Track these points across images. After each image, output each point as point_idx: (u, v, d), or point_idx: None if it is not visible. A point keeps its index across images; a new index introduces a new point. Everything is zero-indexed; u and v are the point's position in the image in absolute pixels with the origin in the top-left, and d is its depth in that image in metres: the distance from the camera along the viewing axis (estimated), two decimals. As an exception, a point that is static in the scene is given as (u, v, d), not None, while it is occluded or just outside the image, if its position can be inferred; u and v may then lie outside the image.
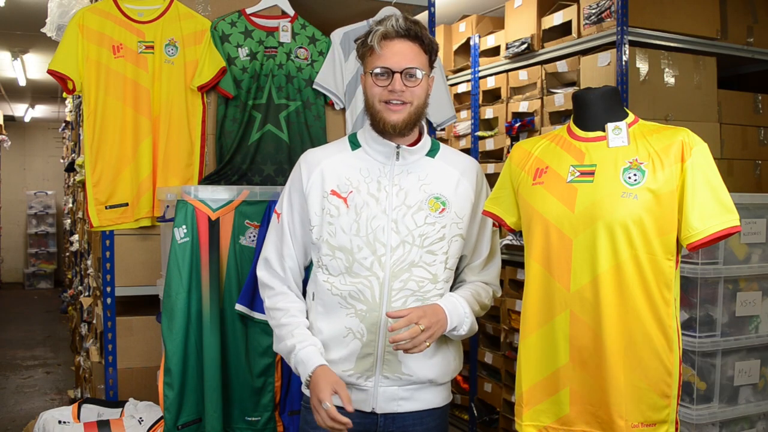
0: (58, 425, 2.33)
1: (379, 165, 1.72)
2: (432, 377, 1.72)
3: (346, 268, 1.67)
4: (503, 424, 3.91)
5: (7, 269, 11.88)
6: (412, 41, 1.66)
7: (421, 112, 1.70)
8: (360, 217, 1.67)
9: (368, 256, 1.66)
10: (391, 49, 1.65)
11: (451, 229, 1.71)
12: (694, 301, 2.44)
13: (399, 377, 1.69)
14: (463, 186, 1.76)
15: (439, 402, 1.78)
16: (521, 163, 1.82)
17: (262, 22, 2.80)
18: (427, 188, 1.71)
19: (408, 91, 1.65)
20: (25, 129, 12.07)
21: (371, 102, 1.69)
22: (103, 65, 2.60)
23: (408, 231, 1.67)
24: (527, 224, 1.77)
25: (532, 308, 1.74)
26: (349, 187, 1.70)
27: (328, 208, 1.69)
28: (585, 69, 3.38)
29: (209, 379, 2.10)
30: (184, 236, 2.10)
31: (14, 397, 5.37)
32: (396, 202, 1.68)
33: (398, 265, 1.66)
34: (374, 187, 1.69)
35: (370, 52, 1.67)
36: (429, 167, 1.74)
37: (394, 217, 1.67)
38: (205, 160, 2.75)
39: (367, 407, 1.71)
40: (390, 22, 1.65)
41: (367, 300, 1.66)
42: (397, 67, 1.64)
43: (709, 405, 2.45)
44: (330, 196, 1.70)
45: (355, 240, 1.66)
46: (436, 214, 1.69)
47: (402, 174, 1.71)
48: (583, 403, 1.67)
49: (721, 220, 1.59)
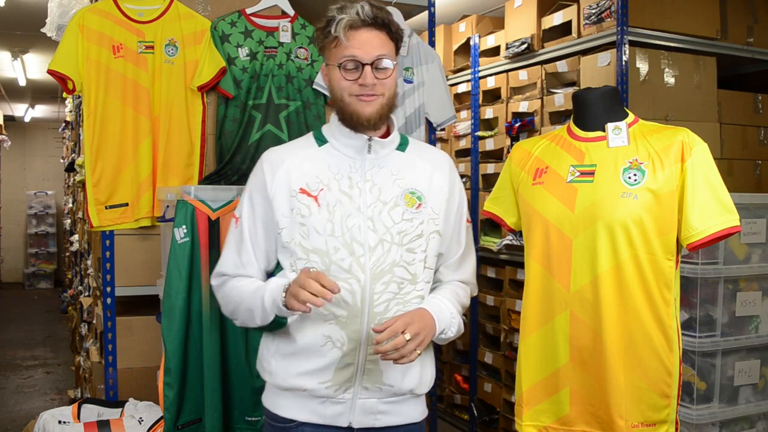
0: (58, 425, 2.33)
1: (349, 160, 1.60)
2: (412, 387, 1.60)
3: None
4: (503, 424, 3.91)
5: (7, 269, 11.88)
6: (379, 29, 1.54)
7: (392, 103, 1.59)
8: (333, 216, 1.54)
9: (346, 258, 1.53)
10: (359, 39, 1.52)
11: (428, 226, 1.59)
12: (694, 301, 2.44)
13: (379, 388, 1.56)
14: (436, 180, 1.64)
15: (417, 417, 1.65)
16: (521, 163, 1.82)
17: (262, 22, 2.80)
18: (401, 183, 1.59)
19: (379, 84, 1.54)
20: (25, 129, 12.07)
21: (339, 96, 1.56)
22: (103, 65, 2.60)
23: (386, 229, 1.55)
24: (527, 224, 1.77)
25: (532, 308, 1.74)
26: (319, 184, 1.57)
27: (298, 208, 1.55)
28: (585, 69, 3.38)
29: (209, 379, 2.10)
30: (184, 236, 2.10)
31: (14, 397, 5.36)
32: (370, 199, 1.56)
33: (379, 266, 1.54)
34: (346, 184, 1.57)
35: (335, 42, 1.54)
36: (400, 161, 1.63)
37: (370, 214, 1.55)
38: (205, 160, 2.75)
39: (343, 421, 1.57)
40: (354, 9, 1.52)
41: (348, 305, 1.52)
42: (367, 59, 1.52)
43: (709, 405, 2.45)
44: (299, 194, 1.56)
45: (330, 241, 1.53)
46: (413, 210, 1.58)
47: (374, 169, 1.59)
48: (583, 403, 1.67)
49: (721, 220, 1.59)
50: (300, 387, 1.56)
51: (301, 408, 1.58)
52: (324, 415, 1.57)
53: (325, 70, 1.61)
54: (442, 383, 4.59)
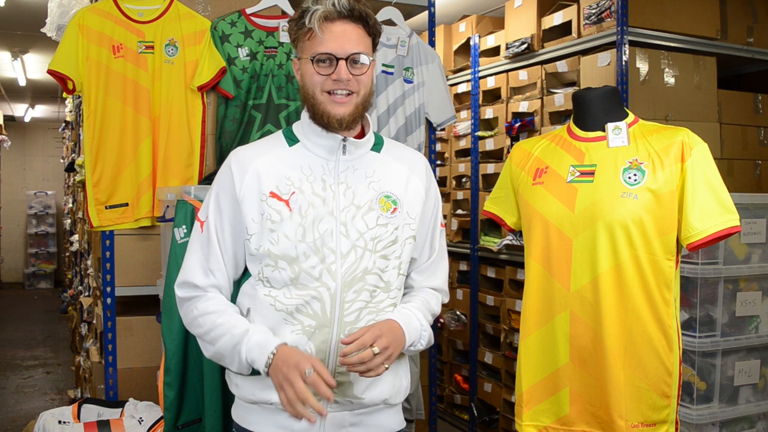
0: (58, 425, 2.33)
1: (321, 161, 1.51)
2: (386, 397, 1.52)
3: (291, 280, 1.45)
4: (503, 424, 3.91)
5: (7, 269, 11.88)
6: (355, 23, 1.45)
7: (367, 101, 1.50)
8: (305, 220, 1.46)
9: (316, 265, 1.45)
10: (334, 32, 1.43)
11: (403, 231, 1.52)
12: (694, 301, 2.44)
13: (350, 401, 1.48)
14: (413, 183, 1.56)
15: (394, 426, 1.57)
16: (521, 163, 1.83)
17: (262, 22, 2.80)
18: (376, 186, 1.51)
19: (354, 80, 1.45)
20: (25, 129, 12.07)
21: (311, 92, 1.47)
22: (103, 65, 2.60)
23: (359, 234, 1.47)
24: (527, 224, 1.77)
25: (532, 308, 1.74)
26: (291, 187, 1.48)
27: (269, 213, 1.46)
28: (585, 69, 3.38)
29: (209, 379, 2.10)
30: (184, 236, 2.10)
31: (14, 397, 5.36)
32: (344, 203, 1.48)
33: (351, 274, 1.46)
34: (319, 187, 1.48)
35: (309, 34, 1.45)
36: (376, 163, 1.54)
37: (343, 219, 1.47)
38: (205, 160, 2.76)
39: None
40: (331, 0, 1.43)
41: (316, 314, 1.45)
42: (342, 53, 1.43)
43: (709, 405, 2.45)
44: (269, 199, 1.47)
45: (300, 246, 1.45)
46: (388, 215, 1.50)
47: (348, 171, 1.51)
48: (583, 403, 1.67)
49: (721, 220, 1.59)
50: (267, 400, 1.48)
51: (269, 422, 1.50)
52: (293, 429, 1.48)
53: (297, 63, 1.53)
54: (442, 383, 4.59)
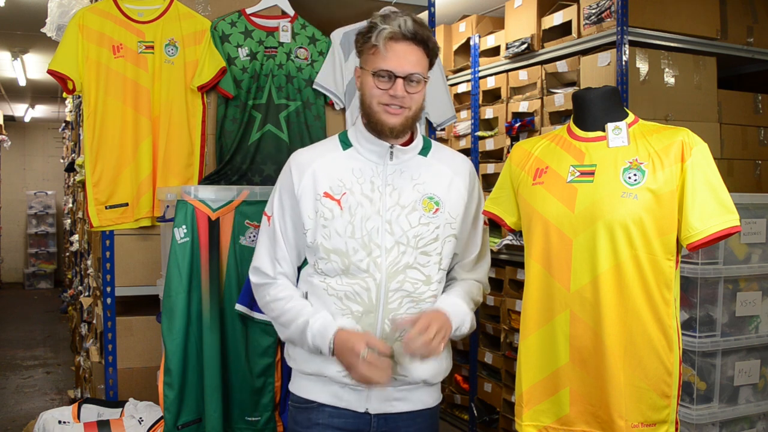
0: (58, 425, 2.33)
1: (372, 165, 1.68)
2: (426, 377, 1.70)
3: (342, 270, 1.63)
4: (503, 424, 3.91)
5: (7, 269, 11.88)
6: (417, 45, 1.61)
7: (417, 115, 1.67)
8: (354, 218, 1.63)
9: (364, 258, 1.62)
10: (396, 52, 1.59)
11: (444, 230, 1.68)
12: (694, 301, 2.44)
13: (394, 378, 1.64)
14: (455, 185, 1.72)
15: (431, 402, 1.76)
16: (521, 163, 1.82)
17: (262, 22, 2.80)
18: (421, 188, 1.68)
19: (408, 97, 1.61)
20: (25, 129, 12.07)
21: (368, 102, 1.64)
22: (103, 65, 2.59)
23: (402, 232, 1.64)
24: (527, 224, 1.77)
25: (532, 308, 1.74)
26: (342, 188, 1.65)
27: (322, 211, 1.64)
28: (585, 69, 3.38)
29: (209, 379, 2.10)
30: (184, 236, 2.10)
31: (14, 397, 5.36)
32: (390, 203, 1.65)
33: (393, 267, 1.63)
34: (368, 188, 1.65)
35: (374, 50, 1.61)
36: (421, 166, 1.71)
37: (388, 218, 1.64)
38: (205, 160, 2.75)
39: (360, 407, 1.67)
40: (397, 22, 1.59)
41: (363, 302, 1.63)
42: (401, 72, 1.59)
43: (709, 405, 2.45)
44: (323, 198, 1.65)
45: (350, 242, 1.62)
46: (430, 215, 1.66)
47: (395, 174, 1.67)
48: (583, 403, 1.67)
49: (721, 220, 1.59)
50: (321, 372, 1.66)
51: (322, 390, 1.68)
52: (342, 399, 1.67)
53: (358, 71, 1.68)
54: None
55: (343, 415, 1.67)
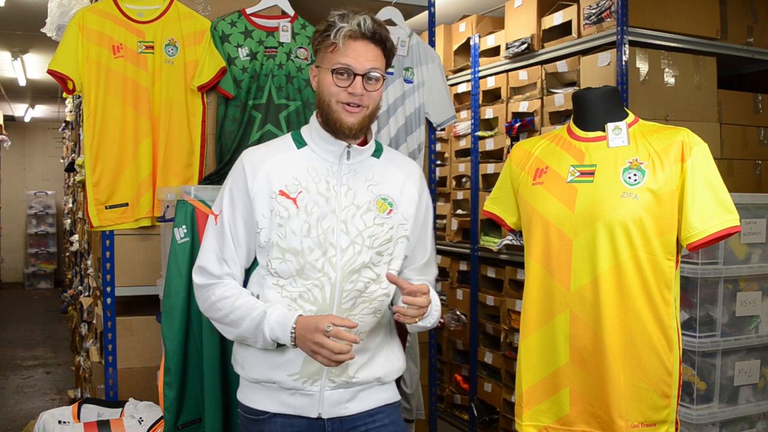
0: (58, 425, 2.33)
1: (327, 164, 1.67)
2: (379, 376, 1.68)
3: (297, 271, 1.61)
4: (503, 424, 3.91)
5: (7, 269, 11.88)
6: (376, 44, 1.61)
7: (374, 115, 1.66)
8: (311, 217, 1.61)
9: (319, 258, 1.60)
10: (355, 49, 1.59)
11: (397, 231, 1.67)
12: (694, 301, 2.44)
13: (345, 381, 1.63)
14: (407, 187, 1.72)
15: (388, 399, 1.72)
16: (521, 163, 1.83)
17: (262, 22, 2.80)
18: (375, 189, 1.67)
19: (367, 95, 1.61)
20: (25, 129, 12.07)
21: (327, 100, 1.63)
22: (103, 65, 2.59)
23: (358, 232, 1.63)
24: (527, 224, 1.77)
25: (532, 308, 1.74)
26: (298, 187, 1.63)
27: (278, 210, 1.62)
28: (585, 69, 3.38)
29: (209, 379, 2.10)
30: (184, 236, 2.10)
31: (14, 397, 5.36)
32: (345, 202, 1.64)
33: (349, 266, 1.61)
34: (323, 187, 1.64)
35: (333, 48, 1.60)
36: (375, 167, 1.70)
37: (344, 217, 1.63)
38: (205, 160, 2.76)
39: (312, 413, 1.63)
40: (357, 20, 1.58)
41: (317, 301, 1.61)
42: (360, 69, 1.59)
43: (709, 405, 2.45)
44: (278, 196, 1.63)
45: (305, 241, 1.60)
46: (384, 215, 1.66)
47: (350, 173, 1.67)
48: (583, 403, 1.67)
49: (721, 220, 1.59)
50: (269, 379, 1.64)
51: (271, 400, 1.65)
52: (294, 406, 1.63)
53: (314, 71, 1.68)
54: (442, 383, 4.59)
55: (295, 423, 1.64)
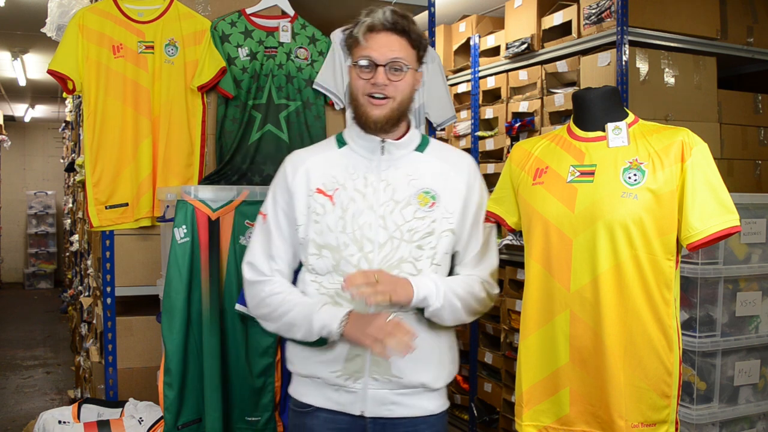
0: (58, 425, 2.33)
1: (364, 161, 1.68)
2: (424, 381, 1.65)
3: (333, 267, 1.63)
4: (503, 424, 3.91)
5: (7, 269, 11.88)
6: (399, 35, 1.62)
7: (404, 107, 1.66)
8: (346, 213, 1.63)
9: (355, 253, 1.61)
10: (377, 41, 1.61)
11: (441, 224, 1.65)
12: (694, 301, 2.44)
13: (389, 379, 1.62)
14: (453, 180, 1.70)
15: (434, 409, 1.70)
16: (521, 163, 1.82)
17: (262, 22, 2.80)
18: (416, 183, 1.66)
19: (391, 86, 1.61)
20: (25, 129, 12.07)
21: (355, 95, 1.65)
22: (103, 65, 2.59)
23: (396, 226, 1.62)
24: (527, 224, 1.77)
25: (532, 308, 1.74)
26: (335, 184, 1.66)
27: (314, 207, 1.65)
28: (585, 69, 3.38)
29: (209, 379, 2.10)
30: (184, 236, 2.10)
31: (14, 397, 5.37)
32: (383, 198, 1.64)
33: (386, 262, 1.61)
34: (361, 183, 1.65)
35: (356, 43, 1.64)
36: (418, 162, 1.70)
37: (382, 212, 1.63)
38: (205, 160, 2.75)
39: (356, 410, 1.64)
40: (377, 14, 1.61)
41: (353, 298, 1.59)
42: (381, 60, 1.60)
43: (709, 405, 2.45)
44: (315, 194, 1.66)
45: (341, 237, 1.62)
46: (426, 209, 1.65)
47: (389, 169, 1.67)
48: (583, 403, 1.67)
49: (721, 220, 1.59)
50: (314, 375, 1.66)
51: (318, 394, 1.68)
52: (338, 402, 1.65)
53: (351, 70, 1.69)
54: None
55: (338, 419, 1.66)
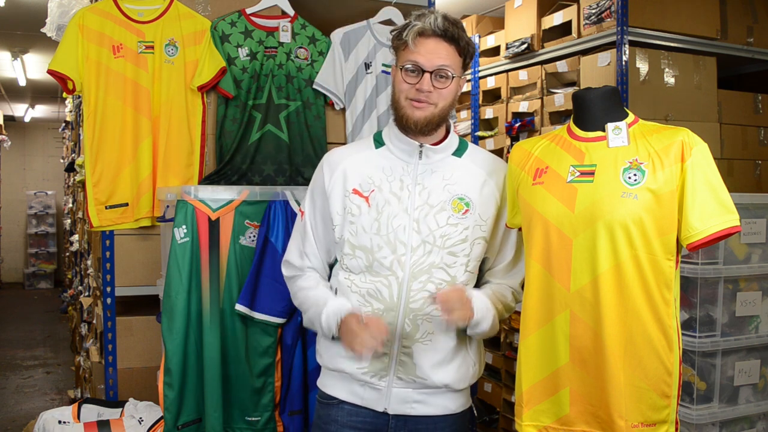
0: (58, 425, 2.33)
1: (402, 163, 1.69)
2: (448, 382, 1.68)
3: (366, 267, 1.65)
4: (503, 424, 3.91)
5: (7, 269, 11.88)
6: (448, 42, 1.62)
7: (446, 113, 1.67)
8: (381, 215, 1.64)
9: (388, 255, 1.63)
10: (426, 46, 1.61)
11: (473, 231, 1.67)
12: (694, 301, 2.44)
13: (413, 380, 1.65)
14: (489, 187, 1.71)
15: (455, 408, 1.73)
16: (521, 163, 1.82)
17: (262, 22, 2.80)
18: (452, 188, 1.68)
19: (436, 93, 1.62)
20: (25, 129, 12.07)
21: (397, 97, 1.65)
22: (103, 65, 2.59)
23: (429, 231, 1.64)
24: (527, 224, 1.77)
25: (532, 308, 1.74)
26: (371, 185, 1.67)
27: (350, 207, 1.67)
28: (585, 69, 3.38)
29: (209, 379, 2.10)
30: (184, 236, 2.10)
31: (14, 397, 5.36)
32: (418, 202, 1.65)
33: (418, 266, 1.63)
34: (397, 186, 1.66)
35: (404, 46, 1.63)
36: (454, 167, 1.70)
37: (416, 216, 1.64)
38: (205, 160, 2.75)
39: (379, 407, 1.68)
40: (429, 19, 1.61)
41: (384, 299, 1.64)
42: (428, 66, 1.61)
43: (709, 405, 2.45)
44: (351, 195, 1.67)
45: (375, 239, 1.64)
46: (459, 215, 1.66)
47: (426, 173, 1.68)
48: (583, 403, 1.67)
49: (721, 220, 1.59)
50: (341, 369, 1.69)
51: (342, 388, 1.71)
52: (362, 397, 1.68)
53: (394, 70, 1.69)
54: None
55: (361, 413, 1.69)
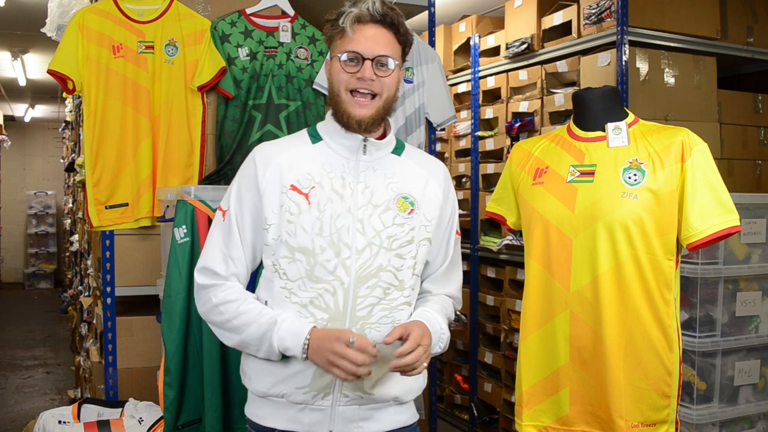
0: (58, 425, 2.33)
1: (342, 160, 1.55)
2: (396, 395, 1.54)
3: (306, 272, 1.48)
4: (503, 424, 3.91)
5: (7, 269, 11.88)
6: (387, 28, 1.51)
7: (389, 106, 1.55)
8: (323, 214, 1.49)
9: (331, 259, 1.48)
10: (364, 33, 1.49)
11: (419, 232, 1.55)
12: (694, 301, 2.44)
13: (360, 396, 1.50)
14: (431, 187, 1.60)
15: (406, 420, 1.59)
16: (521, 163, 1.83)
17: (262, 22, 2.80)
18: (395, 187, 1.55)
19: (378, 81, 1.50)
20: (25, 129, 12.07)
21: (336, 90, 1.52)
22: (103, 65, 2.60)
23: (375, 232, 1.50)
24: (527, 224, 1.77)
25: (532, 308, 1.74)
26: (311, 182, 1.52)
27: (288, 205, 1.50)
28: (585, 69, 3.38)
29: (209, 379, 2.10)
30: (184, 236, 2.10)
31: (14, 397, 5.36)
32: (362, 201, 1.52)
33: (365, 270, 1.49)
34: (338, 183, 1.52)
35: (341, 34, 1.51)
36: (396, 165, 1.59)
37: (360, 216, 1.50)
38: (205, 160, 2.76)
39: (323, 430, 1.51)
40: (366, 4, 1.50)
41: (329, 308, 1.47)
42: (368, 54, 1.48)
43: (709, 405, 2.45)
44: (289, 191, 1.51)
45: (317, 240, 1.48)
46: (405, 215, 1.53)
47: (368, 171, 1.55)
48: (583, 403, 1.67)
49: (721, 220, 1.59)
50: (277, 393, 1.52)
51: (280, 416, 1.53)
52: (302, 423, 1.51)
53: (328, 63, 1.58)
54: (442, 383, 4.59)
55: None
